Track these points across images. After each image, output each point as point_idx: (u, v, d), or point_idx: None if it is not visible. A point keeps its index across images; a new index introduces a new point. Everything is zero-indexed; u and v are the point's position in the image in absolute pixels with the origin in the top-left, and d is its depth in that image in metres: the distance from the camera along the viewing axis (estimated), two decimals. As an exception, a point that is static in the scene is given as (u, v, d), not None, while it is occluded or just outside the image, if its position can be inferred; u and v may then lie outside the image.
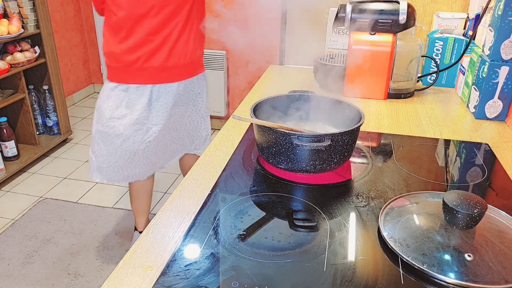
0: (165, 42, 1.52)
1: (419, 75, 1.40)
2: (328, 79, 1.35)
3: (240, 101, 3.20)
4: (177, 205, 0.77)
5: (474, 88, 1.20)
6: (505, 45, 1.10)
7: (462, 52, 1.32)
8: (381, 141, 1.04)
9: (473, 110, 1.20)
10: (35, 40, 2.69)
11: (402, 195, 0.77)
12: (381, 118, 1.19)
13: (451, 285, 0.58)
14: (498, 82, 1.13)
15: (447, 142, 1.05)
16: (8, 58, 2.49)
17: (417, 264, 0.60)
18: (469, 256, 0.61)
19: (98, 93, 4.08)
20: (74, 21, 3.68)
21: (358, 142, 1.02)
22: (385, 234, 0.66)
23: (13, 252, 1.98)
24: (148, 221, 1.98)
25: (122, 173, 1.66)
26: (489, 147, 1.01)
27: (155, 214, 0.75)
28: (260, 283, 0.58)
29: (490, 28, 1.14)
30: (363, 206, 0.77)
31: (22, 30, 2.51)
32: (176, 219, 0.73)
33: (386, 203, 0.74)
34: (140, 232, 1.98)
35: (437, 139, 1.06)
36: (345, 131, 0.81)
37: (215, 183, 0.84)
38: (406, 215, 0.71)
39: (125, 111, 1.56)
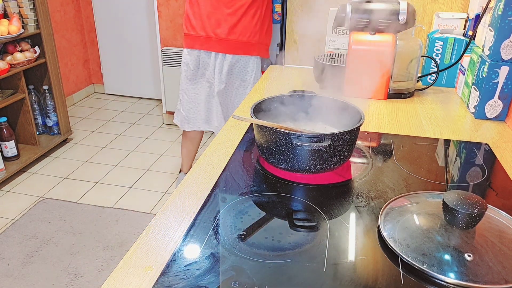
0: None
1: (419, 75, 1.40)
2: (328, 79, 1.34)
3: (240, 101, 3.20)
4: (177, 205, 0.77)
5: (474, 88, 1.20)
6: (505, 45, 1.10)
7: (462, 52, 1.32)
8: (381, 141, 1.04)
9: (473, 110, 1.20)
10: (35, 40, 2.69)
11: (402, 195, 0.77)
12: (381, 118, 1.19)
13: (451, 285, 0.58)
14: (498, 82, 1.13)
15: (447, 142, 1.05)
16: (8, 58, 2.49)
17: (417, 264, 0.60)
18: (469, 256, 0.61)
19: (98, 93, 4.07)
20: (74, 21, 3.68)
21: (358, 142, 1.02)
22: (385, 234, 0.66)
23: (13, 252, 1.98)
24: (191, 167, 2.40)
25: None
26: (489, 147, 1.01)
27: (155, 214, 0.75)
28: (260, 283, 0.58)
29: (490, 28, 1.14)
30: (363, 206, 0.77)
31: (22, 30, 2.51)
32: (176, 219, 0.73)
33: (386, 203, 0.74)
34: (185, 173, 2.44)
35: (437, 139, 1.06)
36: (345, 131, 0.81)
37: (215, 183, 0.84)
38: (406, 215, 0.71)
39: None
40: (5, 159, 2.56)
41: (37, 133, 2.88)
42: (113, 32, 3.70)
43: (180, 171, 2.55)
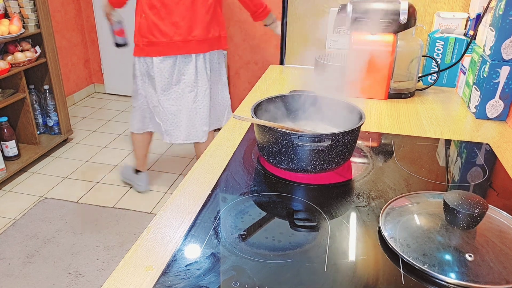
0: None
1: (420, 75, 1.40)
2: (328, 79, 1.34)
3: (240, 101, 3.20)
4: (178, 205, 0.77)
5: (475, 88, 1.20)
6: (506, 45, 1.09)
7: (463, 52, 1.32)
8: (382, 141, 1.04)
9: (474, 110, 1.20)
10: (35, 40, 2.69)
11: (402, 195, 0.77)
12: (382, 118, 1.19)
13: (452, 285, 0.58)
14: (499, 82, 1.13)
15: (447, 142, 1.04)
16: (9, 58, 2.49)
17: (417, 264, 0.60)
18: (470, 256, 0.61)
19: (99, 93, 4.06)
20: (75, 21, 3.68)
21: (359, 142, 1.01)
22: (385, 234, 0.66)
23: (14, 252, 1.98)
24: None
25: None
26: (490, 147, 1.01)
27: (155, 214, 0.75)
28: (260, 283, 0.58)
29: (491, 28, 1.14)
30: (363, 206, 0.77)
31: (22, 30, 2.51)
32: (177, 219, 0.73)
33: (387, 203, 0.74)
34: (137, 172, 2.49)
35: (437, 139, 1.05)
36: (346, 131, 0.81)
37: (216, 183, 0.84)
38: (407, 215, 0.70)
39: None
40: (6, 158, 2.56)
41: (38, 132, 2.88)
42: (114, 32, 3.70)
43: (137, 171, 2.49)
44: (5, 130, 2.53)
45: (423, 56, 1.35)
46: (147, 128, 2.30)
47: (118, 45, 2.34)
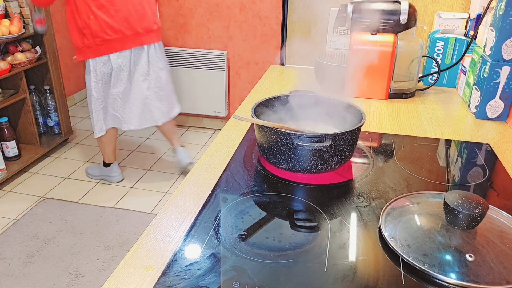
0: None
1: (420, 75, 1.40)
2: (329, 79, 1.34)
3: (241, 101, 3.20)
4: (178, 205, 0.77)
5: (475, 88, 1.20)
6: (506, 45, 1.09)
7: (463, 52, 1.32)
8: (382, 141, 1.04)
9: (474, 110, 1.20)
10: (36, 40, 2.69)
11: (403, 195, 0.77)
12: (382, 118, 1.19)
13: (452, 286, 0.58)
14: (499, 82, 1.13)
15: (448, 142, 1.04)
16: (9, 58, 2.49)
17: (418, 265, 0.60)
18: (470, 256, 0.61)
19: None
20: (75, 21, 3.67)
21: (359, 142, 1.02)
22: (386, 234, 0.66)
23: (14, 252, 1.98)
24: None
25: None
26: (490, 147, 1.01)
27: (156, 214, 0.75)
28: (261, 283, 0.58)
29: (491, 28, 1.14)
30: (364, 206, 0.77)
31: (23, 30, 2.51)
32: (177, 219, 0.73)
33: (387, 203, 0.74)
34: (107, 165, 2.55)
35: (438, 139, 1.05)
36: (346, 131, 0.81)
37: (216, 183, 0.84)
38: (407, 215, 0.70)
39: None
40: (6, 159, 2.57)
41: (38, 133, 2.88)
42: (114, 32, 3.70)
43: (107, 165, 2.55)
44: (5, 130, 2.54)
45: (423, 56, 1.35)
46: (108, 126, 2.37)
47: (36, 33, 2.51)
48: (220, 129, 3.07)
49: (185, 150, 2.58)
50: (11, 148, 2.57)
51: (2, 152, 2.53)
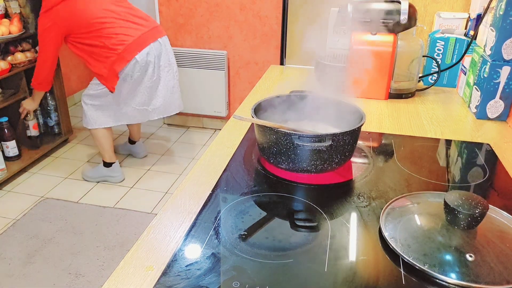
0: None
1: (420, 75, 1.40)
2: (329, 79, 1.34)
3: (241, 101, 3.20)
4: (178, 205, 0.77)
5: (475, 88, 1.20)
6: (506, 45, 1.09)
7: (463, 52, 1.32)
8: (382, 141, 1.04)
9: (475, 110, 1.20)
10: (36, 40, 2.69)
11: (403, 195, 0.77)
12: (382, 118, 1.19)
13: (452, 286, 0.58)
14: (499, 82, 1.13)
15: (448, 142, 1.04)
16: (9, 58, 2.49)
17: (418, 265, 0.60)
18: (470, 256, 0.61)
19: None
20: (75, 21, 3.67)
21: (359, 142, 1.01)
22: (386, 234, 0.66)
23: (14, 252, 1.98)
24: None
25: None
26: (490, 147, 1.01)
27: (156, 214, 0.75)
28: (261, 283, 0.58)
29: (491, 28, 1.14)
30: (364, 206, 0.77)
31: (23, 30, 2.51)
32: (177, 219, 0.73)
33: (387, 203, 0.74)
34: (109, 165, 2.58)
35: (438, 139, 1.05)
36: (346, 131, 0.81)
37: (216, 183, 0.84)
38: (407, 215, 0.70)
39: None
40: (6, 159, 2.56)
41: (38, 133, 2.88)
42: (114, 32, 3.70)
43: (109, 164, 2.57)
44: (5, 130, 2.53)
45: (423, 56, 1.35)
46: (108, 123, 2.44)
47: (30, 138, 2.70)
48: (220, 129, 3.07)
49: (143, 144, 2.91)
50: (11, 148, 2.57)
51: (2, 152, 2.53)
